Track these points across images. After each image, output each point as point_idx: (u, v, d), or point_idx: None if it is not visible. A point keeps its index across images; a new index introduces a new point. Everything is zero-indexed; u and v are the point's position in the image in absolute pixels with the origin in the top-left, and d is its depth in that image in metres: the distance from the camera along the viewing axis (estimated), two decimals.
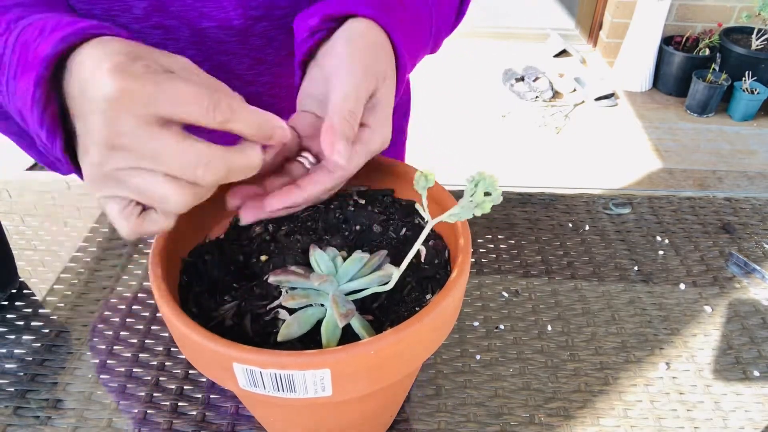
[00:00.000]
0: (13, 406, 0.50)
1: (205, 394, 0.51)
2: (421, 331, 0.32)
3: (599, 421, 0.49)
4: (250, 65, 0.57)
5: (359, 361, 0.31)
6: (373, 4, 0.42)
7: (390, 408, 0.46)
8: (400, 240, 0.42)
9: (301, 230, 0.43)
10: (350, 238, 0.43)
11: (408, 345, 0.32)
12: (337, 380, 0.31)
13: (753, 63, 2.51)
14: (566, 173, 2.25)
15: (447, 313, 0.35)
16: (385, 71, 0.40)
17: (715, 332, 0.58)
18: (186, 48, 0.54)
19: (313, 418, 0.40)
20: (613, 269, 0.64)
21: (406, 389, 0.47)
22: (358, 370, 0.32)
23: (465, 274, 0.36)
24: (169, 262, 0.38)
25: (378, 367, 0.32)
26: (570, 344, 0.56)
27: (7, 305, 0.59)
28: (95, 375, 0.52)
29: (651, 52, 2.67)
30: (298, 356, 0.30)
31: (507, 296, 0.61)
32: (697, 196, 0.76)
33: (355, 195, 0.45)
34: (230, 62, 0.56)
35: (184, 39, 0.53)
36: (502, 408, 0.50)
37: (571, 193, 0.75)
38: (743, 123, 2.57)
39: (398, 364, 0.33)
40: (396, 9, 0.44)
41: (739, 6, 2.68)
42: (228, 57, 0.55)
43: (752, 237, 0.69)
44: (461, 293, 0.36)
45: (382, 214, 0.44)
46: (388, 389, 0.39)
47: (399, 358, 0.33)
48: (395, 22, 0.42)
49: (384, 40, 0.41)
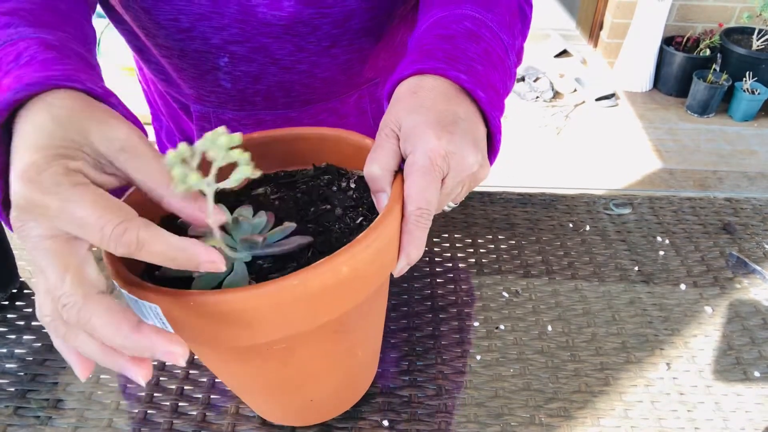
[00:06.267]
0: (14, 406, 0.50)
1: (206, 394, 0.51)
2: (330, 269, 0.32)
3: (600, 422, 0.49)
4: (290, 51, 0.56)
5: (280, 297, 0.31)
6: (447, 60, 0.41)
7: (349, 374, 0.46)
8: (351, 228, 0.41)
9: (287, 198, 0.44)
10: (310, 213, 0.42)
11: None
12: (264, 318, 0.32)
13: (754, 63, 2.51)
14: (567, 173, 2.25)
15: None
16: (457, 112, 0.39)
17: (716, 333, 0.58)
18: (230, 24, 0.53)
19: (264, 371, 0.40)
20: (614, 269, 0.64)
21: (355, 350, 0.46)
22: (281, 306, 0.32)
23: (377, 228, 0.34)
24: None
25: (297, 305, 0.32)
26: (570, 345, 0.56)
27: (7, 305, 0.59)
28: (96, 375, 0.52)
29: (651, 52, 2.67)
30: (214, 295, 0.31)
31: (507, 296, 0.61)
32: (698, 197, 0.76)
33: (353, 179, 0.45)
34: (271, 45, 0.56)
35: (230, 15, 0.53)
36: (503, 408, 0.50)
37: (571, 194, 0.75)
38: (744, 123, 2.57)
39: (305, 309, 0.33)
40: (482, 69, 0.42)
41: (739, 6, 2.68)
42: (270, 40, 0.55)
43: (753, 237, 0.69)
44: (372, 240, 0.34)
45: (357, 202, 0.43)
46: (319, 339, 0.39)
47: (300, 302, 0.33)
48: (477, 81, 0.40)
49: (464, 97, 0.40)
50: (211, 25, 0.54)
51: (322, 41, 0.56)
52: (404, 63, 0.42)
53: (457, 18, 0.45)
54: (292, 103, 0.64)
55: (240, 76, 0.59)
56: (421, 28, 0.47)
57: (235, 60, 0.57)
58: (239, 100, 0.63)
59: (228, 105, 0.64)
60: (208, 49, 0.56)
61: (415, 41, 0.45)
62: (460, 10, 0.45)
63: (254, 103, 0.63)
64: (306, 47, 0.57)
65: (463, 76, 0.39)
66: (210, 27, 0.54)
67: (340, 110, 0.67)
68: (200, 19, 0.53)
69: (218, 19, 0.53)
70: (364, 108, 0.69)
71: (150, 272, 0.38)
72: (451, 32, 0.43)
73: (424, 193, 0.36)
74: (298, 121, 0.66)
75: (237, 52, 0.57)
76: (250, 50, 0.56)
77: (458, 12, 0.45)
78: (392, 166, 0.38)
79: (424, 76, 0.40)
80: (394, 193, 0.37)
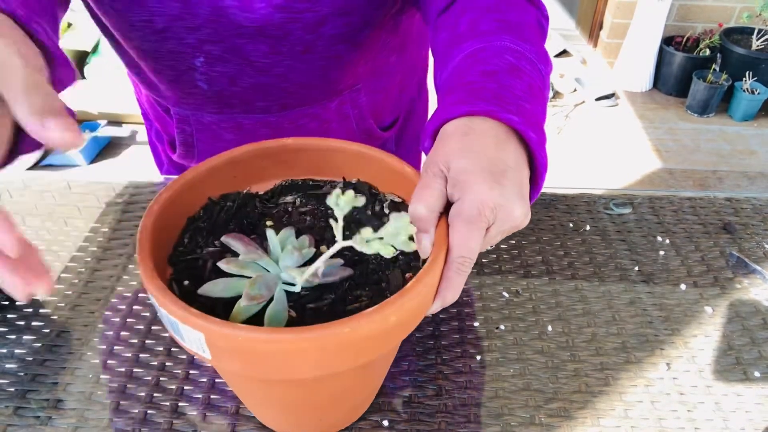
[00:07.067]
0: (14, 406, 0.50)
1: (206, 395, 0.51)
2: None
3: (600, 422, 0.49)
4: (265, 53, 0.56)
5: (333, 340, 0.32)
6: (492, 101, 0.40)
7: (363, 389, 0.47)
8: (387, 261, 0.41)
9: (317, 213, 0.44)
10: (344, 237, 0.43)
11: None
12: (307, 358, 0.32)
13: (753, 63, 2.51)
14: (567, 173, 2.25)
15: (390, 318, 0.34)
16: (507, 161, 0.38)
17: (716, 333, 0.58)
18: (203, 25, 0.54)
19: (287, 396, 0.41)
20: (614, 269, 0.64)
21: (381, 372, 0.48)
22: (335, 348, 0.33)
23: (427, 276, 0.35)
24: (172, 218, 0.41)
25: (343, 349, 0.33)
26: (570, 345, 0.56)
27: (7, 305, 0.59)
28: (96, 375, 0.52)
29: (651, 52, 2.67)
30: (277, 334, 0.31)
31: (507, 296, 0.61)
32: (698, 197, 0.75)
33: (387, 203, 0.45)
34: (245, 46, 0.56)
35: (203, 15, 0.53)
36: (503, 408, 0.50)
37: (571, 193, 0.75)
38: (744, 123, 2.57)
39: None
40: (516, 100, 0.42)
41: (739, 6, 2.68)
42: (244, 41, 0.55)
43: (753, 237, 0.69)
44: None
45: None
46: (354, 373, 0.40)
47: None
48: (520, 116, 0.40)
49: (506, 133, 0.40)
50: (185, 25, 0.53)
51: (295, 46, 0.56)
52: (449, 101, 0.42)
53: (498, 51, 0.44)
54: (269, 107, 0.63)
55: (216, 77, 0.59)
56: (455, 60, 0.46)
57: (211, 60, 0.57)
58: (216, 102, 0.63)
59: (206, 107, 0.64)
60: (183, 49, 0.56)
61: (454, 76, 0.45)
62: (498, 41, 0.45)
63: (231, 105, 0.63)
64: (280, 50, 0.56)
65: (515, 117, 0.39)
66: (184, 27, 0.54)
67: (322, 115, 0.67)
68: (174, 20, 0.53)
69: (192, 19, 0.53)
70: (346, 113, 0.69)
71: (179, 281, 0.38)
72: (493, 68, 0.43)
73: (468, 242, 0.36)
74: (279, 125, 0.66)
75: (212, 52, 0.56)
76: (225, 50, 0.56)
77: (497, 45, 0.45)
78: (438, 208, 0.38)
79: (474, 118, 0.40)
80: (439, 240, 0.37)
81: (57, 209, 0.71)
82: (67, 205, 0.71)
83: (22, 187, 0.74)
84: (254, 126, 0.65)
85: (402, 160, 0.45)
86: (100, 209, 0.71)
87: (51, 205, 0.71)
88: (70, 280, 0.62)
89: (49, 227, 0.68)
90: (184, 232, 0.42)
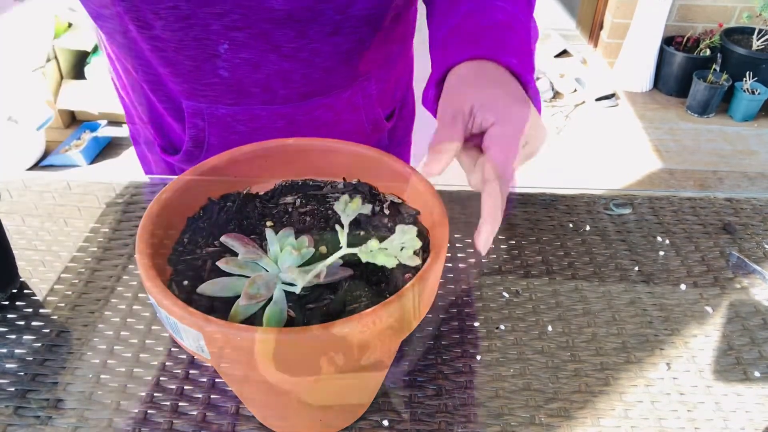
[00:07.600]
0: (14, 405, 0.50)
1: (206, 394, 0.51)
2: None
3: (600, 422, 0.49)
4: (291, 38, 0.56)
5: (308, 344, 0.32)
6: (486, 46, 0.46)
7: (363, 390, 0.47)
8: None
9: (317, 214, 0.44)
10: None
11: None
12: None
13: (754, 63, 2.51)
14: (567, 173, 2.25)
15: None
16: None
17: (716, 333, 0.58)
18: (231, 10, 0.53)
19: (287, 396, 0.41)
20: (614, 270, 0.64)
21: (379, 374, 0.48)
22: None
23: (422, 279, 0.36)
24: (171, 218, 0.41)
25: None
26: (570, 345, 0.56)
27: (7, 305, 0.59)
28: (96, 375, 0.52)
29: (652, 52, 2.67)
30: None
31: (507, 297, 0.61)
32: (698, 197, 0.75)
33: (387, 203, 0.45)
34: (273, 31, 0.56)
35: (232, 0, 0.53)
36: (503, 408, 0.50)
37: (571, 194, 0.75)
38: (744, 123, 2.57)
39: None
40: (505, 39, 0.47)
41: (739, 6, 2.68)
42: (272, 25, 0.55)
43: (753, 237, 0.69)
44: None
45: (390, 231, 0.44)
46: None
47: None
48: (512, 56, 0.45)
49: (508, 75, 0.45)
50: (212, 11, 0.53)
51: (325, 27, 0.56)
52: (451, 51, 0.46)
53: (489, 10, 0.49)
54: (290, 95, 0.63)
55: (239, 63, 0.59)
56: (455, 18, 0.50)
57: (235, 46, 0.57)
58: (236, 92, 0.62)
59: (223, 99, 0.63)
60: (207, 35, 0.56)
61: (453, 30, 0.49)
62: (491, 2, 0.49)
63: (251, 94, 0.62)
64: (308, 34, 0.56)
65: (514, 60, 0.44)
66: (210, 13, 0.54)
67: (336, 106, 0.67)
68: (201, 5, 0.53)
69: (220, 4, 0.53)
70: (357, 104, 0.69)
71: (178, 281, 0.38)
72: (488, 22, 0.47)
73: (509, 156, 0.40)
74: (293, 117, 0.66)
75: (237, 38, 0.56)
76: (251, 36, 0.56)
77: (488, 2, 0.49)
78: (458, 147, 0.41)
79: (480, 62, 0.44)
80: (438, 240, 0.38)
81: (57, 209, 0.71)
82: (67, 205, 0.71)
83: (22, 187, 0.74)
84: (270, 117, 0.65)
85: (401, 160, 0.45)
86: (100, 209, 0.71)
87: (51, 205, 0.71)
88: (70, 280, 0.62)
89: (49, 227, 0.68)
90: (183, 232, 0.42)
